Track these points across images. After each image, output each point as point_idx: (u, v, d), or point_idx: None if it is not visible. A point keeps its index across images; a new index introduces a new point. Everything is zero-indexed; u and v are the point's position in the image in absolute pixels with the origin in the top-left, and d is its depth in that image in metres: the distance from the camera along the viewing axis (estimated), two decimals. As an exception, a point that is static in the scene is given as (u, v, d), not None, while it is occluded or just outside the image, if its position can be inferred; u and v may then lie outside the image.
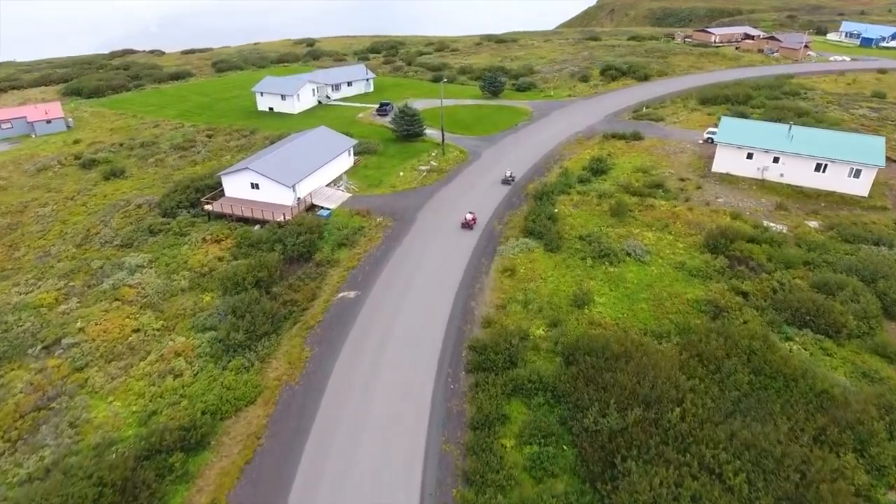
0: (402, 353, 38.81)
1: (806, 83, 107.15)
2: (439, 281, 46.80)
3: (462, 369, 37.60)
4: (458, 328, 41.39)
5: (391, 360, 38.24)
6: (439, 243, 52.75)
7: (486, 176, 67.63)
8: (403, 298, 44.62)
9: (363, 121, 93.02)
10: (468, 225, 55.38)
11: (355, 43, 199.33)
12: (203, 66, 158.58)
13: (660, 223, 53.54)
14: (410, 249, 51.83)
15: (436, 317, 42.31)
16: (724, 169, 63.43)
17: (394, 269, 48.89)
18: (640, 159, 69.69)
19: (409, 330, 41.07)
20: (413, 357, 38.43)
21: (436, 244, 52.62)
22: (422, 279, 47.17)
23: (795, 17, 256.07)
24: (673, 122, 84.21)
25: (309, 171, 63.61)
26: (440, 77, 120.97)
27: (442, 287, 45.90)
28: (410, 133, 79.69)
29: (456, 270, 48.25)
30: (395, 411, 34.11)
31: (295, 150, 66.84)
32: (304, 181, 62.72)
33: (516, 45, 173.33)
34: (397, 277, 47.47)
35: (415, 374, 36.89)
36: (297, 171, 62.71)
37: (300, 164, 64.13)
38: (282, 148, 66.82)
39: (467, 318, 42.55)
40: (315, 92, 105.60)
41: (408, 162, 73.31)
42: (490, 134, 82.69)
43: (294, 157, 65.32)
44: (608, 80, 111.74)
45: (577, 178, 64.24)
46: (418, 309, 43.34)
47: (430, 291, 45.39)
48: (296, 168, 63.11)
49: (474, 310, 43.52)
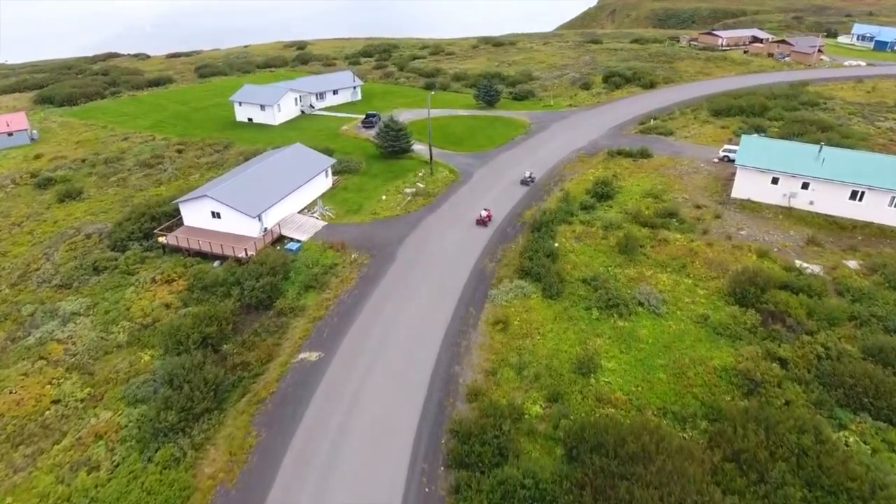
0: (368, 440, 31.75)
1: (823, 91, 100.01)
2: (419, 338, 39.72)
3: (441, 463, 30.52)
4: (439, 403, 34.35)
5: (354, 450, 31.18)
6: (421, 286, 45.68)
7: (479, 200, 60.50)
8: (374, 363, 37.51)
9: (347, 134, 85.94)
10: (483, 222, 55.54)
11: (348, 46, 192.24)
12: (186, 71, 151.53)
13: (675, 263, 46.45)
14: (387, 295, 44.73)
15: (411, 389, 35.24)
16: (745, 194, 56.37)
17: (366, 321, 41.78)
18: (649, 181, 62.61)
19: (379, 407, 34.00)
20: (381, 446, 31.36)
21: (416, 288, 45.55)
22: (398, 336, 40.08)
23: (801, 19, 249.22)
24: (684, 136, 77.12)
25: (278, 198, 56.61)
26: (432, 84, 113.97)
27: (421, 346, 38.83)
28: (396, 149, 72.60)
29: (439, 323, 41.18)
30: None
31: (264, 173, 59.76)
32: (273, 209, 55.72)
33: (514, 48, 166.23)
34: (369, 334, 40.36)
35: (382, 472, 29.82)
36: (265, 197, 55.66)
37: (269, 189, 57.10)
38: (250, 170, 59.72)
39: (450, 388, 35.49)
40: (298, 101, 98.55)
41: (392, 183, 66.23)
42: (483, 150, 75.59)
43: (262, 180, 58.27)
44: (611, 87, 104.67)
45: (580, 205, 57.17)
46: (391, 378, 36.25)
47: (406, 353, 38.31)
48: (263, 194, 56.06)
49: (458, 376, 36.44)
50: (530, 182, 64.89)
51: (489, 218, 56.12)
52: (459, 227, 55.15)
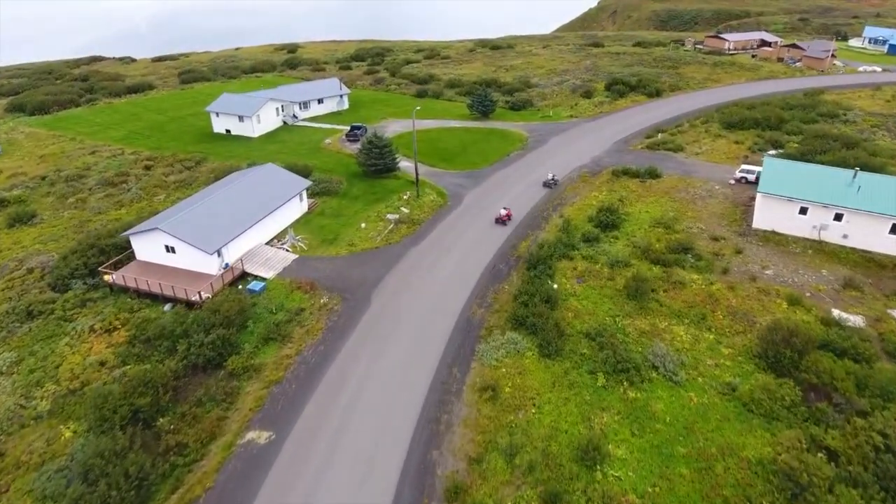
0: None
1: (840, 100, 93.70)
2: (391, 412, 33.34)
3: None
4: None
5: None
6: (396, 341, 39.29)
7: (468, 229, 54.13)
8: (335, 448, 31.11)
9: (330, 148, 79.54)
10: (502, 221, 55.10)
11: (340, 49, 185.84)
12: (170, 76, 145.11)
13: (694, 312, 40.06)
14: (356, 354, 38.31)
15: (378, 485, 28.85)
16: (769, 225, 49.98)
17: (329, 390, 35.38)
18: (659, 207, 56.21)
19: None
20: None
21: (391, 342, 39.16)
22: (366, 410, 33.68)
23: (807, 20, 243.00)
24: (695, 152, 70.70)
25: (243, 228, 50.26)
26: (425, 92, 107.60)
27: (393, 424, 32.45)
28: (380, 168, 66.20)
29: (416, 391, 34.82)
30: None
31: (229, 199, 53.35)
32: (236, 241, 49.39)
33: (512, 51, 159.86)
34: (330, 408, 33.91)
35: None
36: (227, 229, 49.30)
37: (233, 218, 50.74)
38: (212, 197, 53.26)
39: (425, 482, 29.11)
40: (280, 111, 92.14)
41: (374, 207, 59.84)
42: (476, 168, 69.15)
43: (226, 208, 51.90)
44: (615, 95, 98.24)
45: (582, 236, 50.77)
46: (354, 468, 29.86)
47: (374, 434, 31.91)
48: (226, 225, 49.70)
49: (437, 465, 30.06)
50: (553, 184, 63.38)
51: (509, 217, 55.72)
52: (445, 262, 48.72)
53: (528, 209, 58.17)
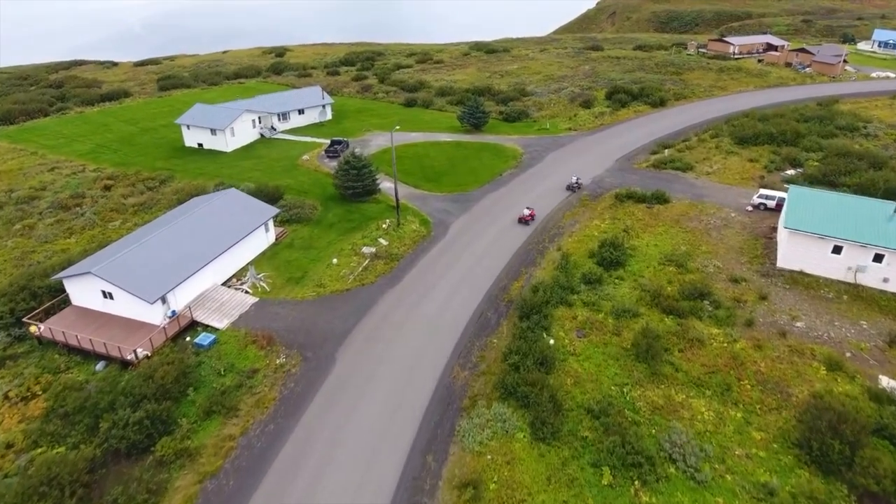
0: None
1: (857, 110, 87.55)
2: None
3: None
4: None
5: None
6: (361, 416, 32.89)
7: (453, 266, 47.73)
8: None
9: (307, 165, 73.09)
10: (525, 220, 54.25)
11: (330, 53, 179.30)
12: (149, 82, 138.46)
13: (716, 380, 33.74)
14: (311, 435, 31.89)
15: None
16: (796, 265, 43.67)
17: (277, 484, 28.98)
18: (669, 239, 49.90)
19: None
20: None
21: (355, 419, 32.74)
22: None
23: (811, 22, 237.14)
24: (705, 172, 64.40)
25: (196, 268, 43.88)
26: (414, 101, 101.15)
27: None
28: (358, 192, 59.82)
29: (381, 489, 28.43)
30: None
31: (183, 232, 46.91)
32: (187, 283, 42.98)
33: (508, 55, 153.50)
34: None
35: None
36: (176, 269, 42.88)
37: (185, 255, 44.33)
38: (162, 231, 46.79)
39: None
40: (256, 123, 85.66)
41: (349, 237, 53.47)
42: (464, 191, 62.70)
43: (178, 243, 45.47)
44: (616, 105, 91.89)
45: (582, 276, 44.40)
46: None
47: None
48: (175, 264, 43.28)
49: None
50: (576, 188, 61.54)
51: (532, 217, 54.74)
52: (424, 308, 42.33)
53: (523, 240, 51.78)
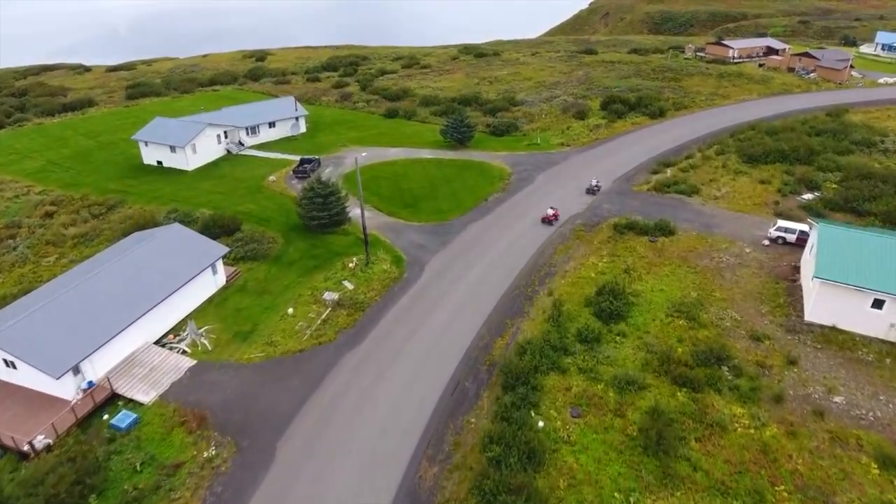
0: None
1: (869, 121, 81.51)
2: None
3: None
4: None
5: None
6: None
7: (427, 318, 40.97)
8: None
9: (273, 187, 66.13)
10: (548, 221, 53.38)
11: (313, 57, 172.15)
12: (118, 89, 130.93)
13: (744, 482, 27.15)
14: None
15: None
16: (828, 318, 37.23)
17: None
18: (677, 281, 43.35)
19: None
20: None
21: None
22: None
23: (809, 23, 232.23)
24: (713, 196, 57.94)
25: (120, 326, 37.00)
26: (395, 111, 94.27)
27: None
28: (324, 223, 52.98)
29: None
30: None
31: (110, 281, 39.95)
32: (108, 347, 36.06)
33: (498, 59, 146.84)
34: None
35: None
36: (95, 330, 36.00)
37: (109, 311, 37.45)
38: (83, 282, 39.73)
39: None
40: (222, 138, 78.58)
41: (311, 279, 46.64)
42: (445, 220, 55.88)
43: (102, 295, 38.53)
44: (612, 117, 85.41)
45: (577, 333, 37.76)
46: None
47: None
48: (94, 323, 36.39)
49: None
50: (596, 191, 60.04)
51: (556, 217, 53.95)
52: (389, 378, 35.53)
53: (509, 283, 45.09)
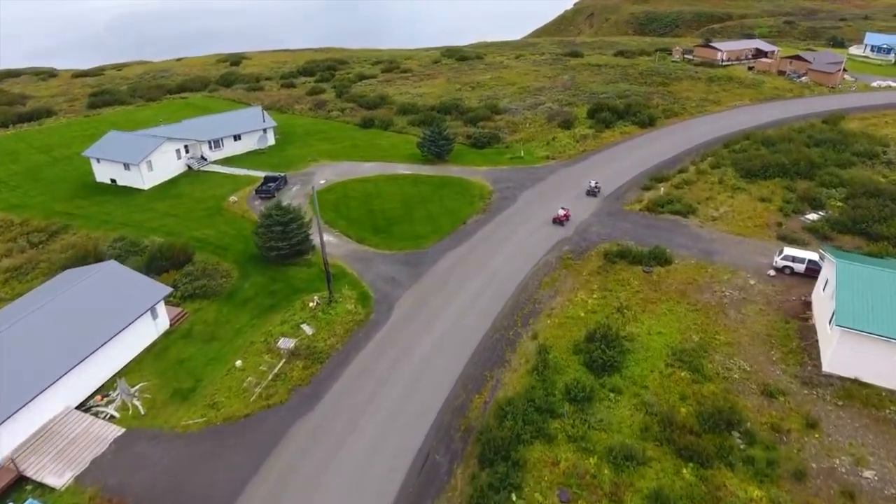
0: None
1: (868, 129, 77.91)
2: None
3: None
4: None
5: None
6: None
7: (394, 371, 35.88)
8: None
9: (233, 209, 60.65)
10: (559, 221, 52.33)
11: (291, 61, 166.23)
12: (82, 97, 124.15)
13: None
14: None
15: None
16: (850, 370, 32.77)
17: None
18: (675, 321, 38.69)
19: None
20: None
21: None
22: None
23: (794, 24, 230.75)
24: (710, 217, 53.47)
25: (35, 391, 31.51)
26: (371, 121, 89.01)
27: None
28: (283, 253, 47.69)
29: None
30: None
31: (28, 334, 34.40)
32: (18, 417, 30.58)
33: (481, 63, 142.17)
34: None
35: None
36: (2, 398, 30.45)
37: (22, 372, 31.96)
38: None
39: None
40: (182, 152, 72.85)
41: (266, 321, 41.36)
42: (419, 247, 50.75)
43: (16, 353, 32.99)
44: (600, 126, 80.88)
45: (566, 389, 32.90)
46: None
47: None
48: (1, 390, 30.85)
49: None
50: (596, 192, 58.76)
51: (567, 217, 52.76)
52: (348, 448, 30.39)
53: (490, 323, 40.16)
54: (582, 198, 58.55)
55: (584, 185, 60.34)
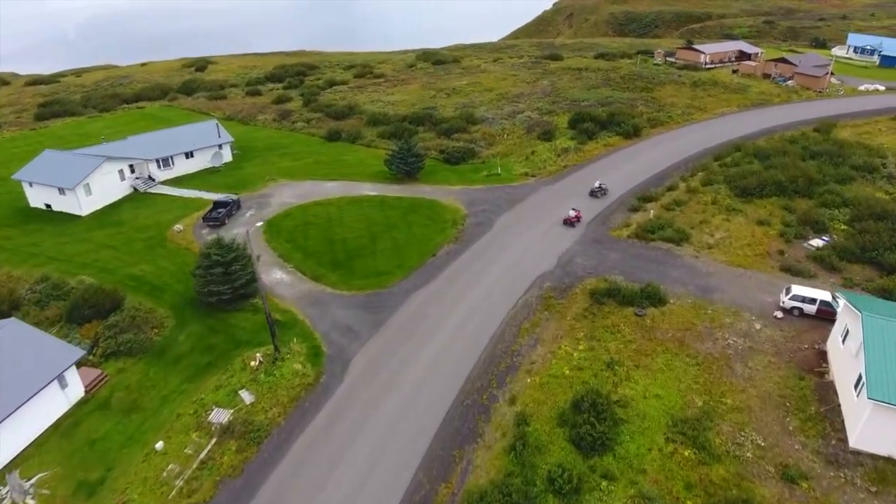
0: None
1: (861, 136, 74.07)
2: None
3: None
4: None
5: None
6: None
7: (346, 452, 30.06)
8: None
9: (178, 239, 54.25)
10: (571, 222, 50.90)
11: (259, 65, 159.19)
12: (32, 107, 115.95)
13: None
14: None
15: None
16: (882, 447, 27.79)
17: None
18: (674, 379, 33.45)
19: None
20: None
21: None
22: None
23: (774, 24, 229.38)
24: (706, 244, 48.44)
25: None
26: (338, 133, 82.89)
27: None
28: (224, 297, 41.54)
29: None
30: None
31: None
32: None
33: (458, 67, 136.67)
34: None
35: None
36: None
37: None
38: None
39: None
40: (126, 173, 66.11)
41: (198, 387, 35.26)
42: (382, 285, 44.86)
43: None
44: (582, 137, 75.76)
45: (548, 478, 27.39)
46: None
47: None
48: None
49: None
50: (600, 194, 57.63)
51: (578, 219, 51.65)
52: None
53: (461, 384, 34.55)
54: (561, 232, 53.21)
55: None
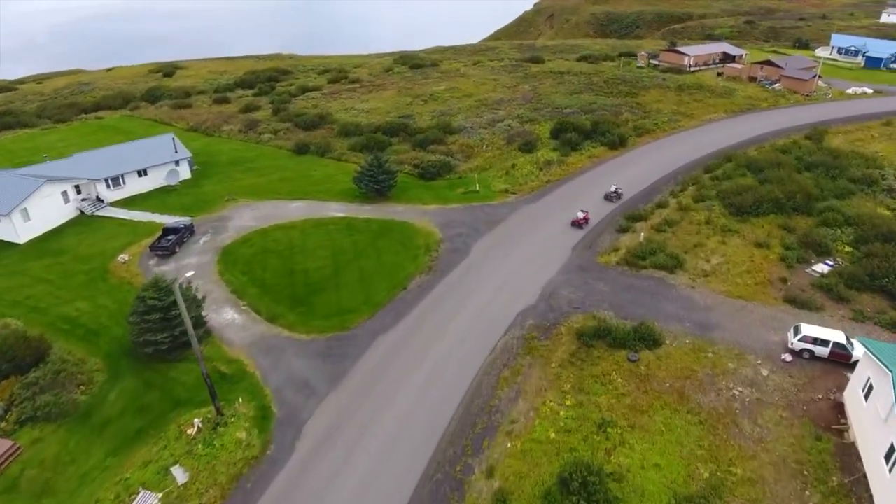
0: None
1: (854, 143, 70.96)
2: None
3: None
4: None
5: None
6: None
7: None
8: None
9: (121, 272, 48.86)
10: (579, 224, 50.78)
11: (230, 70, 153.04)
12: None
13: None
14: None
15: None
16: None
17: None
18: (675, 443, 29.12)
19: None
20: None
21: None
22: None
23: (754, 24, 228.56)
24: (702, 272, 44.30)
25: None
26: (306, 147, 77.70)
27: None
28: (164, 348, 36.40)
29: None
30: None
31: None
32: None
33: (436, 71, 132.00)
34: None
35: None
36: None
37: None
38: None
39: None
40: (71, 194, 60.45)
41: (125, 461, 30.16)
42: (345, 326, 39.93)
43: None
44: (565, 148, 71.51)
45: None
46: None
47: None
48: None
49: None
50: (615, 198, 56.92)
51: (587, 220, 51.17)
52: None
53: (431, 451, 29.88)
54: (549, 241, 48.85)
55: (604, 190, 57.46)
